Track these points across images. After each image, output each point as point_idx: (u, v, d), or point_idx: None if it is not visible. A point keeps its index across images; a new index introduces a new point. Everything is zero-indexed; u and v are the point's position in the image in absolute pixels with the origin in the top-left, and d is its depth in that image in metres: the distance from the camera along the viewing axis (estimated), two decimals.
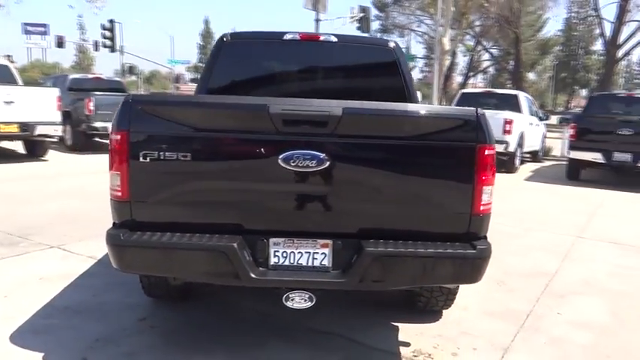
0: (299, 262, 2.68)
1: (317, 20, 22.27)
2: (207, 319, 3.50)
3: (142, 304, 3.65)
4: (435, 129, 2.60)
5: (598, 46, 72.52)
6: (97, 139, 12.83)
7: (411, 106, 2.63)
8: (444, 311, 3.75)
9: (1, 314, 3.42)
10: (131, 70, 34.38)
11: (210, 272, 2.62)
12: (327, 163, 2.53)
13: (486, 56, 51.28)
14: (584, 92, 76.90)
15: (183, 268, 2.63)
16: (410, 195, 2.65)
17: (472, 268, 2.64)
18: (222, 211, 2.66)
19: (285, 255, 2.67)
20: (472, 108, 2.65)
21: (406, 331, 3.47)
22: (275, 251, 2.67)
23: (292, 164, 2.53)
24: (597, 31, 61.43)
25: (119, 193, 2.61)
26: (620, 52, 36.32)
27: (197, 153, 2.57)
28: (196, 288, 3.72)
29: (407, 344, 3.29)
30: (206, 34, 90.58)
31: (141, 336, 3.21)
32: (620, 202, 8.93)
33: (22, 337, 3.14)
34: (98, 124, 11.50)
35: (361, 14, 25.33)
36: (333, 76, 4.45)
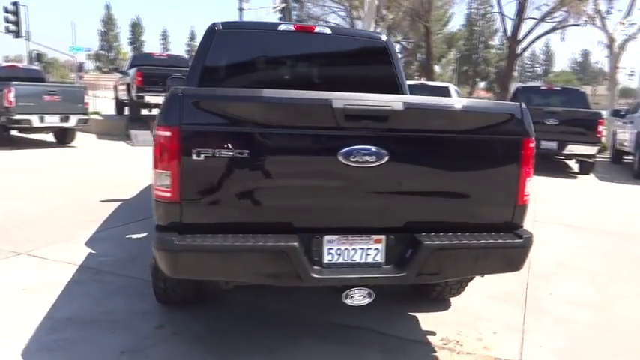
0: (352, 258, 2.65)
1: (240, 9, 21.90)
2: (228, 321, 3.37)
3: (151, 310, 3.44)
4: (485, 123, 2.68)
5: (496, 40, 77.68)
6: (15, 134, 11.80)
7: (465, 101, 2.67)
8: (451, 298, 3.87)
9: None
10: (39, 57, 31.71)
11: (269, 273, 2.51)
12: (386, 158, 2.52)
13: (396, 48, 52.81)
14: (482, 84, 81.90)
15: (241, 271, 2.50)
16: (461, 188, 2.71)
17: (519, 257, 2.75)
18: (276, 210, 2.56)
19: (339, 252, 2.63)
20: (516, 103, 2.75)
21: (425, 320, 3.56)
22: (329, 249, 2.62)
23: (352, 160, 2.49)
24: (495, 26, 65.31)
25: (168, 194, 2.43)
26: (520, 48, 38.81)
27: (254, 150, 2.45)
28: (210, 290, 3.55)
29: (432, 333, 3.37)
30: (108, 21, 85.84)
31: (168, 344, 3.03)
32: (552, 187, 9.64)
33: (34, 356, 2.84)
34: (20, 117, 10.53)
35: (283, 4, 25.20)
36: (327, 68, 4.42)
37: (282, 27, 4.22)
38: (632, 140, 11.52)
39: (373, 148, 2.50)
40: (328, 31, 4.27)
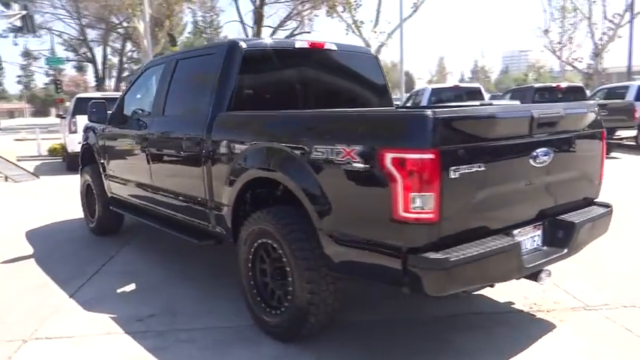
0: (526, 246, 3.07)
1: None
2: (363, 338, 3.38)
3: (287, 351, 3.22)
4: (591, 120, 3.37)
5: None
6: None
7: (586, 104, 3.31)
8: None
9: None
10: None
11: (506, 271, 2.78)
12: (552, 157, 3.01)
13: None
14: None
15: (491, 274, 2.71)
16: (581, 173, 3.36)
17: (609, 222, 3.54)
18: (494, 213, 2.82)
19: None
20: (592, 102, 3.52)
21: (493, 294, 4.09)
22: None
23: (537, 161, 2.93)
24: (223, 34, 67.92)
25: (430, 215, 2.48)
26: None
27: (486, 162, 2.66)
28: None
29: (512, 303, 3.95)
30: None
31: None
32: None
33: None
34: None
35: (24, 12, 22.02)
36: (338, 81, 4.60)
37: (298, 44, 4.22)
38: None
39: (548, 149, 2.97)
40: (335, 47, 4.43)
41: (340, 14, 19.94)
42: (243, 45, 3.91)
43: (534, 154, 2.90)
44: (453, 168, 2.51)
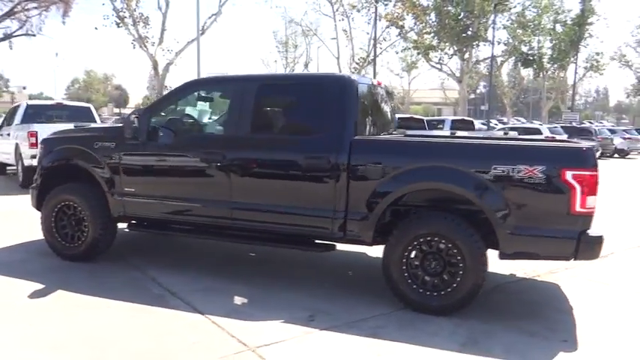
0: None
1: None
2: (482, 307, 4.61)
3: (458, 321, 4.24)
4: None
5: None
6: None
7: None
8: None
9: None
10: None
11: None
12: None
13: None
14: None
15: None
16: None
17: None
18: None
19: None
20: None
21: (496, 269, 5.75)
22: None
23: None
24: None
25: (593, 210, 4.05)
26: None
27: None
28: None
29: (514, 274, 5.65)
30: None
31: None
32: None
33: None
34: None
35: None
36: (383, 111, 5.71)
37: (373, 81, 5.26)
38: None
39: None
40: (383, 84, 5.58)
41: (129, 27, 19.20)
42: (356, 79, 4.78)
43: None
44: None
